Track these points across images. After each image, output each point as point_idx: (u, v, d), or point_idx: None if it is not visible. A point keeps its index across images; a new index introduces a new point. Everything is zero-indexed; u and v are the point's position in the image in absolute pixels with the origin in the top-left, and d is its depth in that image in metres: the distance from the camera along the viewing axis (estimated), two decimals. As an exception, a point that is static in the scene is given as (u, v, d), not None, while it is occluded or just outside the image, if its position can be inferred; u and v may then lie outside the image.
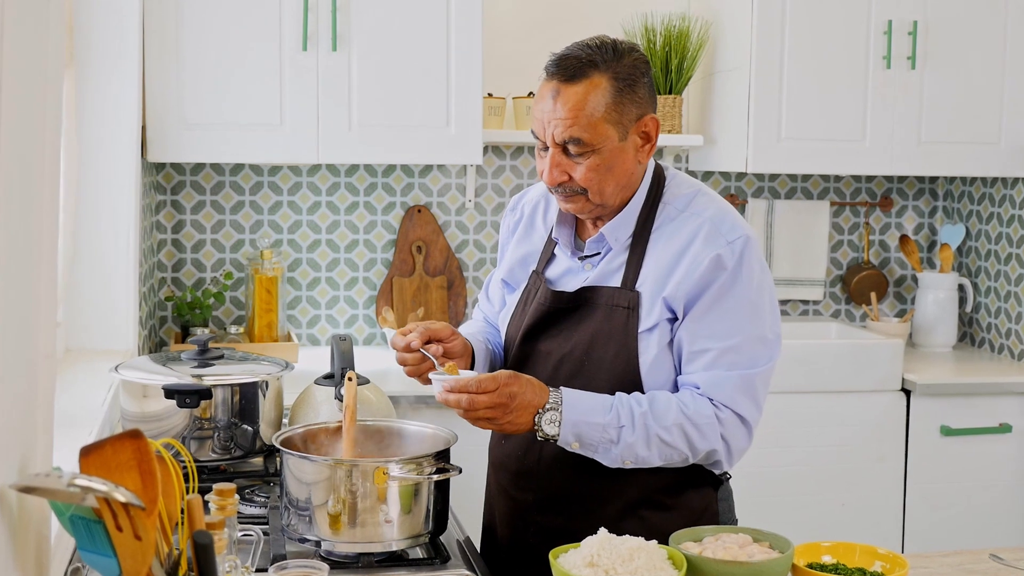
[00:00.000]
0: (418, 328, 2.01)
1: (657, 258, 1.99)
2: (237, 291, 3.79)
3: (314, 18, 3.32)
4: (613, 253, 2.03)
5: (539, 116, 1.95)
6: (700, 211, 2.00)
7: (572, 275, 2.08)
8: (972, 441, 3.56)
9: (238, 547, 1.65)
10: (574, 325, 2.03)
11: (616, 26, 3.83)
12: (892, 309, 4.22)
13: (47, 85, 1.39)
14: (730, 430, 1.95)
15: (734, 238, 1.95)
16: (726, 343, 1.94)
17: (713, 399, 1.94)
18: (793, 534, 2.84)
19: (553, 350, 2.05)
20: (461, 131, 3.42)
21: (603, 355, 1.99)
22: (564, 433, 1.88)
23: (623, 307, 1.98)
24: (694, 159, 4.00)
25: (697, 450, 1.94)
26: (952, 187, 4.17)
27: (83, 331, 3.01)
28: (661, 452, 1.92)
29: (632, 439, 1.89)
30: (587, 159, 1.93)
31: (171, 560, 1.28)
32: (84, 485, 1.16)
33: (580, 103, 1.90)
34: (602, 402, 1.91)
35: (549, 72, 1.94)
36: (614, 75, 1.92)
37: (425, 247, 3.83)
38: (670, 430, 1.90)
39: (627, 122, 1.94)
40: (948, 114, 3.68)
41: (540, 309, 2.07)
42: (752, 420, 1.98)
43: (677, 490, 2.03)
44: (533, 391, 1.88)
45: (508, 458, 2.12)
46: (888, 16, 3.61)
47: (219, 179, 3.76)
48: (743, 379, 1.95)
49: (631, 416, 1.89)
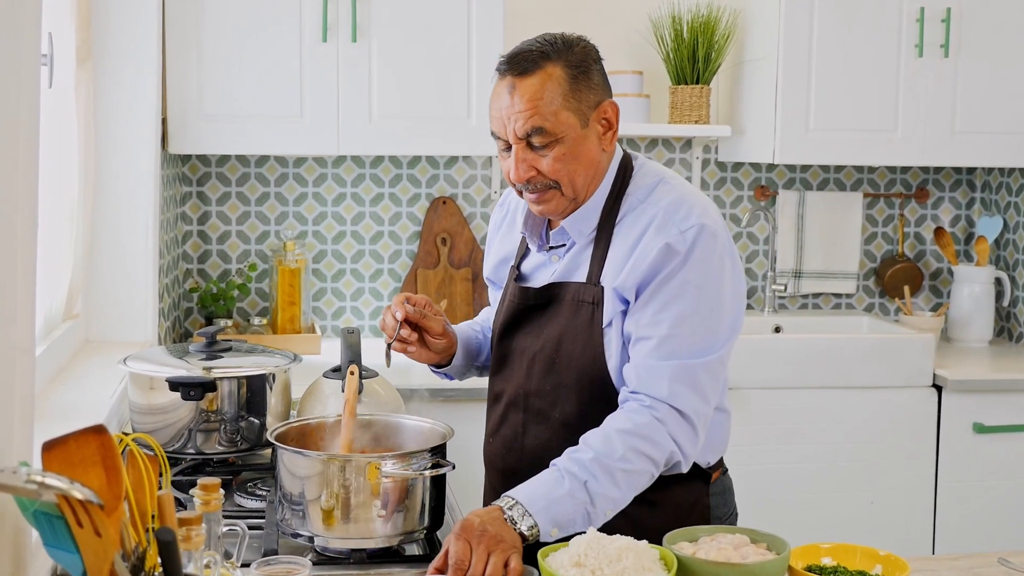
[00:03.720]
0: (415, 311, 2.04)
1: (616, 250, 1.95)
2: (262, 283, 3.79)
3: (334, 9, 3.31)
4: (579, 247, 2.00)
5: (497, 115, 1.92)
6: (657, 200, 1.95)
7: (543, 268, 2.06)
8: (1006, 439, 3.48)
9: (224, 541, 1.64)
10: (545, 322, 2.01)
11: (643, 14, 3.79)
12: (927, 303, 4.14)
13: (20, 77, 1.38)
14: (673, 427, 1.86)
15: (687, 227, 1.89)
16: (666, 331, 1.87)
17: (648, 393, 1.86)
18: (821, 531, 2.81)
19: (526, 347, 2.03)
20: (482, 122, 3.39)
21: (571, 351, 1.96)
22: (542, 523, 1.75)
23: (588, 302, 1.95)
24: (723, 150, 3.94)
25: (658, 462, 1.86)
26: (990, 178, 4.08)
27: (103, 322, 3.02)
28: (630, 482, 1.83)
29: (602, 488, 1.80)
30: (552, 150, 1.90)
31: (137, 554, 1.26)
32: (41, 481, 1.15)
33: (537, 93, 1.88)
34: (550, 476, 1.80)
35: (501, 70, 1.92)
36: (566, 63, 1.90)
37: (450, 239, 3.81)
38: (626, 458, 1.81)
39: (586, 109, 1.91)
40: (983, 103, 3.59)
41: (512, 306, 2.06)
42: (693, 413, 1.87)
43: (663, 485, 1.94)
44: (486, 513, 1.74)
45: (495, 457, 2.10)
46: (920, 3, 3.53)
47: (244, 170, 3.76)
48: (683, 369, 1.87)
49: (585, 468, 1.80)
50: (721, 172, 3.99)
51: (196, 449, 2.29)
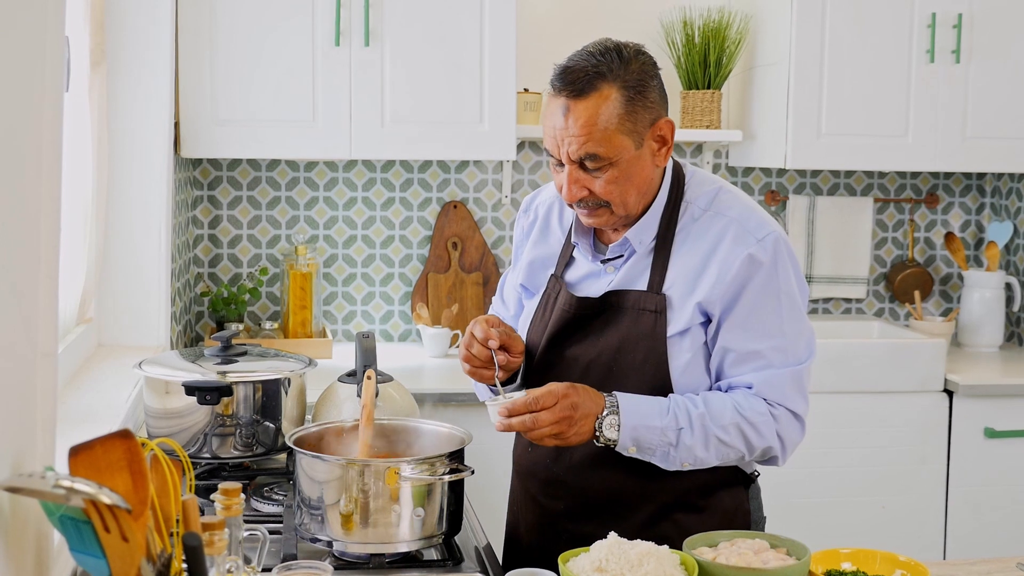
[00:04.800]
0: (501, 330, 1.99)
1: (684, 260, 1.95)
2: (273, 287, 3.79)
3: (347, 13, 3.31)
4: (637, 256, 1.99)
5: (551, 134, 1.91)
6: (724, 210, 1.96)
7: (594, 279, 2.04)
8: (1017, 443, 3.48)
9: (245, 546, 1.64)
10: (600, 330, 2.00)
11: (654, 19, 3.79)
12: (937, 308, 4.13)
13: (44, 84, 1.39)
14: (785, 427, 1.94)
15: (763, 235, 1.92)
16: (775, 342, 1.92)
17: (767, 398, 1.92)
18: (832, 537, 2.81)
19: (580, 356, 2.01)
20: (495, 127, 3.39)
21: (632, 360, 1.96)
22: (623, 438, 1.86)
23: (650, 311, 1.95)
24: (734, 155, 3.94)
25: (754, 448, 1.92)
26: (1000, 183, 4.07)
27: (115, 327, 3.02)
28: (719, 452, 1.91)
29: (691, 441, 1.88)
30: (605, 172, 1.89)
31: (163, 560, 1.27)
32: (69, 486, 1.15)
33: (592, 118, 1.86)
34: (658, 405, 1.88)
35: (556, 87, 1.89)
36: (623, 83, 1.87)
37: (461, 243, 3.81)
38: (727, 430, 1.89)
39: (641, 129, 1.90)
40: (994, 109, 3.59)
41: (564, 315, 2.03)
42: (803, 414, 1.97)
43: (708, 491, 2.00)
44: (591, 399, 1.86)
45: (536, 466, 2.09)
46: (932, 8, 3.53)
47: (255, 175, 3.77)
48: (793, 375, 1.93)
49: (688, 418, 1.88)
50: (732, 177, 3.99)
51: (211, 453, 2.29)
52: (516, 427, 1.82)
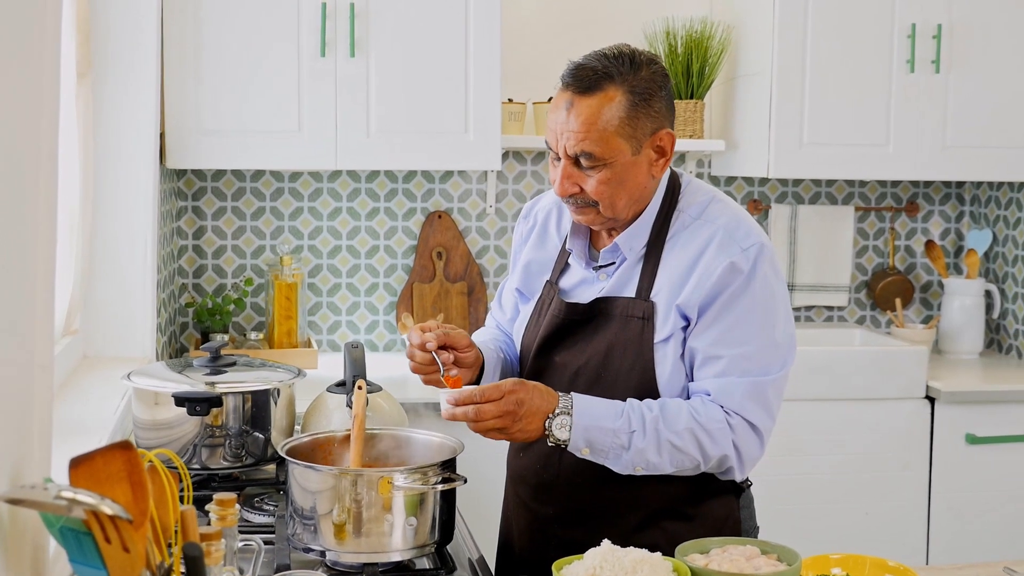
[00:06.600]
0: (437, 331, 1.99)
1: (671, 267, 1.97)
2: (258, 297, 3.79)
3: (332, 24, 3.32)
4: (628, 263, 2.01)
5: (552, 127, 1.93)
6: (714, 218, 1.98)
7: (587, 285, 2.06)
8: (999, 449, 3.51)
9: (239, 556, 1.64)
10: (589, 336, 2.01)
11: (637, 30, 3.81)
12: (918, 315, 4.17)
13: (42, 90, 1.39)
14: (741, 437, 1.92)
15: (748, 245, 1.93)
16: (739, 350, 1.92)
17: (724, 406, 1.92)
18: (816, 543, 2.82)
19: (568, 362, 2.03)
20: (479, 137, 3.41)
21: (619, 366, 1.97)
22: (575, 438, 1.86)
23: (638, 317, 1.96)
24: (716, 164, 3.97)
25: (708, 456, 1.91)
26: (979, 192, 4.11)
27: (101, 338, 3.02)
28: (672, 458, 1.90)
29: (643, 444, 1.87)
30: (598, 172, 1.91)
31: (162, 571, 1.27)
32: (71, 498, 1.16)
33: (593, 116, 1.88)
34: (613, 407, 1.89)
35: (564, 82, 1.92)
36: (630, 88, 1.89)
37: (445, 253, 3.82)
38: (681, 435, 1.88)
39: (641, 136, 1.91)
40: (973, 118, 3.63)
41: (554, 321, 2.05)
42: (763, 428, 1.94)
43: (698, 499, 2.00)
44: (541, 397, 1.86)
45: (527, 471, 2.10)
46: (912, 19, 3.57)
47: (240, 185, 3.77)
48: (754, 386, 1.92)
49: (642, 421, 1.88)
50: (714, 186, 4.01)
51: (201, 464, 2.29)
52: (459, 416, 1.83)
